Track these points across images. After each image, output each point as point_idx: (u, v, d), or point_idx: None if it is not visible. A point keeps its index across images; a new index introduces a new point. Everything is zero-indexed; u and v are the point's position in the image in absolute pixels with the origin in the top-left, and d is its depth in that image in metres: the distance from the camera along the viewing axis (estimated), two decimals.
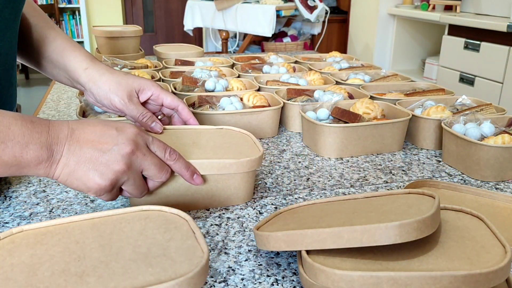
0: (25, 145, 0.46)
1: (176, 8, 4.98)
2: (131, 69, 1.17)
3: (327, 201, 0.52)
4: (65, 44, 0.69)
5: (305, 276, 0.41)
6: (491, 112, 0.86)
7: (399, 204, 0.46)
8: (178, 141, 0.62)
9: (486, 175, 0.70)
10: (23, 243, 0.41)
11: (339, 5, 3.85)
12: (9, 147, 0.45)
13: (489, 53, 2.20)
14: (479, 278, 0.38)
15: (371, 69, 1.25)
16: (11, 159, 0.45)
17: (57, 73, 0.70)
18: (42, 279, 0.36)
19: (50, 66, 0.70)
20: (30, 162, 0.46)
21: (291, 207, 0.53)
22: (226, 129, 0.68)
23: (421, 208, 0.43)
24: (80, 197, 0.63)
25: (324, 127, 0.76)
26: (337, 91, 0.96)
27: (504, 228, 0.53)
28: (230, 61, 1.31)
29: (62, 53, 0.68)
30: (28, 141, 0.46)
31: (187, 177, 0.56)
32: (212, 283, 0.46)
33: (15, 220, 0.57)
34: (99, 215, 0.46)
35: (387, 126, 0.78)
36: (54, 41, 0.69)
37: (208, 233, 0.55)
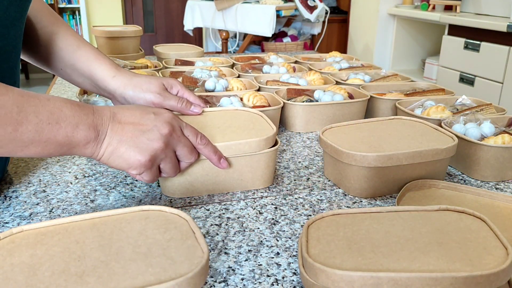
0: (75, 125, 0.49)
1: (176, 8, 4.98)
2: (131, 69, 1.16)
3: (355, 212, 0.49)
4: (89, 53, 0.71)
5: (306, 276, 0.41)
6: (491, 112, 0.86)
7: (450, 229, 0.46)
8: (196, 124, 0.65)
9: (486, 175, 0.70)
10: (23, 243, 0.41)
11: (339, 5, 3.85)
12: (63, 128, 0.48)
13: (489, 53, 2.20)
14: (480, 280, 0.38)
15: (371, 69, 1.25)
16: (64, 139, 0.48)
17: (82, 81, 0.72)
18: (42, 279, 0.36)
19: (75, 74, 0.72)
20: (80, 142, 0.50)
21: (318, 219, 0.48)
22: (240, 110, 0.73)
23: (479, 236, 0.44)
24: (80, 197, 0.63)
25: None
26: (337, 91, 0.96)
27: (504, 228, 0.53)
28: (230, 61, 1.31)
29: (88, 62, 0.70)
30: (78, 122, 0.49)
31: (214, 161, 0.60)
32: (212, 283, 0.46)
33: (15, 220, 0.57)
34: (99, 215, 0.46)
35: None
36: (79, 50, 0.70)
37: (208, 233, 0.55)
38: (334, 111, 0.90)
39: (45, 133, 0.47)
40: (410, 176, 0.64)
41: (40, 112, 0.47)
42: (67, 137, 0.48)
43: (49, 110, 0.47)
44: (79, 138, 0.49)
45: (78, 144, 0.50)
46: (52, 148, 0.48)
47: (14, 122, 0.45)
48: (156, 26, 5.02)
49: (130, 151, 0.52)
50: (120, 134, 0.52)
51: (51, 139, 0.47)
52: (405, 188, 0.62)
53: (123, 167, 0.53)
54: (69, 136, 0.49)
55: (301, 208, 0.61)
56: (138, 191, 0.65)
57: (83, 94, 0.93)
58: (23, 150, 0.47)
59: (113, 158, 0.52)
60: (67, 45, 0.71)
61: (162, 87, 0.69)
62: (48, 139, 0.47)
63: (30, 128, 0.46)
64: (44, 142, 0.47)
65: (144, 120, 0.54)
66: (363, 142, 0.65)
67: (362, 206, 0.62)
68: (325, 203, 0.63)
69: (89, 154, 0.52)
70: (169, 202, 0.62)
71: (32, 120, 0.46)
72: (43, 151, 0.48)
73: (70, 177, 0.69)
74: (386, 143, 0.65)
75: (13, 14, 0.58)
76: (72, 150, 0.50)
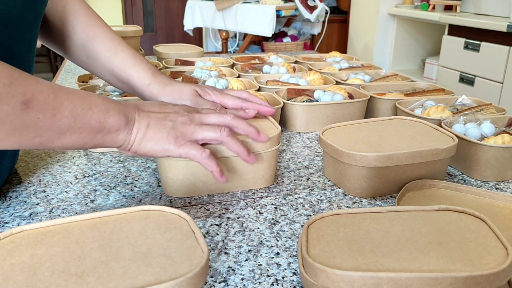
0: (106, 111, 0.50)
1: (176, 8, 4.98)
2: None
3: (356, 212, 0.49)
4: (126, 59, 0.72)
5: (306, 276, 0.41)
6: (491, 112, 0.86)
7: (450, 229, 0.46)
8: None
9: (486, 175, 0.70)
10: (23, 243, 0.41)
11: (339, 5, 3.85)
12: (95, 113, 0.49)
13: (489, 53, 2.20)
14: (480, 280, 0.38)
15: (371, 69, 1.25)
16: (97, 124, 0.49)
17: (122, 86, 0.74)
18: (42, 279, 0.36)
19: (114, 80, 0.73)
20: (112, 127, 0.51)
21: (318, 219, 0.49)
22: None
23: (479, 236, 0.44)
24: (80, 197, 0.63)
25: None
26: (337, 91, 0.96)
27: (504, 228, 0.53)
28: (230, 61, 1.31)
29: (125, 69, 0.71)
30: (108, 108, 0.51)
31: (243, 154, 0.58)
32: (212, 283, 0.46)
33: (15, 220, 0.57)
34: (99, 215, 0.46)
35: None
36: (116, 55, 0.72)
37: (208, 233, 0.55)
38: (334, 111, 0.90)
39: (80, 118, 0.48)
40: (410, 176, 0.64)
41: (73, 98, 0.48)
42: (99, 122, 0.50)
43: (81, 97, 0.49)
44: (111, 123, 0.51)
45: (110, 129, 0.51)
46: (87, 135, 0.49)
47: (52, 107, 0.45)
48: (156, 26, 5.02)
49: (159, 132, 0.54)
50: (147, 119, 0.54)
51: (86, 124, 0.48)
52: (405, 188, 0.62)
53: (156, 150, 0.54)
54: (102, 121, 0.50)
55: (301, 208, 0.61)
56: (138, 191, 0.65)
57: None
58: (60, 137, 0.47)
59: (144, 142, 0.53)
60: (105, 51, 0.72)
61: (194, 94, 0.69)
62: (82, 124, 0.48)
63: (67, 113, 0.47)
64: (79, 128, 0.48)
65: (164, 108, 0.57)
66: (363, 142, 0.65)
67: (362, 206, 0.62)
68: (325, 203, 0.63)
69: (121, 141, 0.52)
70: (169, 202, 0.62)
71: (68, 105, 0.47)
72: (78, 139, 0.49)
73: (70, 177, 0.69)
74: (386, 143, 0.65)
75: (30, 18, 0.59)
76: (105, 138, 0.51)
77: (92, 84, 0.98)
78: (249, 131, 0.60)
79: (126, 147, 0.53)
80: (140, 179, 0.69)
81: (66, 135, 0.48)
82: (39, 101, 0.44)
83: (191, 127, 0.56)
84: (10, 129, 0.43)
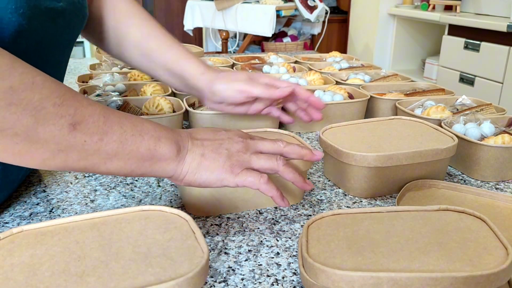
0: (157, 138, 0.48)
1: (176, 8, 4.98)
2: (131, 69, 1.16)
3: (356, 212, 0.49)
4: (180, 52, 0.73)
5: (306, 276, 0.41)
6: (491, 112, 0.86)
7: (450, 229, 0.45)
8: None
9: (486, 175, 0.70)
10: (23, 243, 0.41)
11: (339, 5, 3.85)
12: (145, 140, 0.47)
13: (489, 53, 2.20)
14: (480, 280, 0.38)
15: (371, 69, 1.25)
16: (146, 152, 0.47)
17: (174, 81, 0.75)
18: (42, 279, 0.36)
19: (167, 75, 0.74)
20: (162, 156, 0.48)
21: (318, 219, 0.49)
22: (270, 131, 0.69)
23: (479, 236, 0.44)
24: (80, 197, 0.63)
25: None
26: (337, 91, 0.96)
27: (504, 228, 0.53)
28: (230, 61, 1.31)
29: (179, 61, 0.73)
30: (160, 135, 0.49)
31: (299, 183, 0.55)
32: (212, 283, 0.46)
33: (15, 220, 0.57)
34: (99, 215, 0.46)
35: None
36: (171, 50, 0.73)
37: (208, 233, 0.55)
38: (334, 111, 0.90)
39: (129, 144, 0.46)
40: (410, 176, 0.64)
41: (124, 123, 0.46)
42: (149, 150, 0.47)
43: (132, 122, 0.47)
44: (162, 152, 0.48)
45: (160, 158, 0.48)
46: (134, 162, 0.47)
47: (101, 131, 0.44)
48: None
49: (215, 162, 0.50)
50: (201, 148, 0.51)
51: (134, 151, 0.46)
52: (405, 188, 0.62)
53: (212, 180, 0.50)
54: (151, 149, 0.47)
55: (301, 208, 0.61)
56: (138, 191, 0.65)
57: (85, 93, 0.93)
58: (106, 163, 0.46)
59: (199, 173, 0.50)
60: (158, 47, 0.73)
61: (249, 76, 0.71)
62: (131, 151, 0.46)
63: (115, 138, 0.45)
64: (127, 154, 0.46)
65: (218, 135, 0.54)
66: (363, 142, 0.65)
67: (362, 206, 0.62)
68: (325, 203, 0.63)
69: (171, 171, 0.50)
70: (169, 202, 0.62)
71: (117, 130, 0.45)
72: (125, 166, 0.47)
73: (70, 177, 0.69)
74: (386, 143, 0.65)
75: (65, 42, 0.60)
76: (154, 166, 0.48)
77: (92, 84, 0.98)
78: (303, 154, 0.56)
79: (178, 177, 0.50)
80: (140, 179, 0.69)
81: (113, 160, 0.46)
82: (88, 123, 0.43)
83: (247, 155, 0.52)
84: (55, 149, 0.42)
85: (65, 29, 0.59)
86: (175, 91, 0.95)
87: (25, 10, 0.48)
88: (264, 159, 0.53)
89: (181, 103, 0.86)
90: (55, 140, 0.42)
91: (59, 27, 0.57)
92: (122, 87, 0.97)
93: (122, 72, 1.11)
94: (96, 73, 1.10)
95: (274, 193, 0.52)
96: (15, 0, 0.47)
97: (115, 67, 1.19)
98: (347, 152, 0.62)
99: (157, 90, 0.95)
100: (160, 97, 0.84)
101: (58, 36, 0.58)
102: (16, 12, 0.47)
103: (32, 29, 0.51)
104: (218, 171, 0.50)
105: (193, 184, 0.51)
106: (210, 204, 0.58)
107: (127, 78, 1.08)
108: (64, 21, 0.58)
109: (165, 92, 0.96)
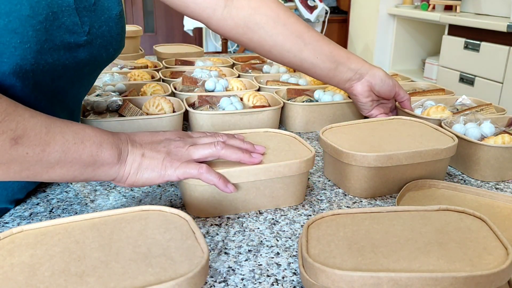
0: (99, 144, 0.49)
1: None
2: (131, 69, 1.16)
3: (356, 212, 0.49)
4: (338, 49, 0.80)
5: (306, 276, 0.41)
6: (491, 112, 0.86)
7: (450, 229, 0.45)
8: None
9: (486, 175, 0.70)
10: (23, 243, 0.41)
11: (339, 5, 3.85)
12: (88, 147, 0.48)
13: (489, 53, 2.20)
14: (480, 280, 0.38)
15: None
16: (88, 158, 0.48)
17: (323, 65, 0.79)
18: (42, 279, 0.36)
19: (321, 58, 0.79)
20: (105, 161, 0.50)
21: (318, 219, 0.49)
22: (270, 132, 0.69)
23: (479, 236, 0.44)
24: (80, 197, 0.63)
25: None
26: (337, 91, 0.96)
27: (504, 228, 0.53)
28: (230, 61, 1.31)
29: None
30: (102, 141, 0.50)
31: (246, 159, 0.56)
32: (212, 283, 0.46)
33: (15, 220, 0.57)
34: (99, 215, 0.46)
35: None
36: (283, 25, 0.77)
37: (208, 233, 0.55)
38: (334, 111, 0.90)
39: (71, 153, 0.47)
40: (410, 176, 0.64)
41: (66, 132, 0.47)
42: (91, 156, 0.49)
43: (74, 130, 0.48)
44: (104, 157, 0.50)
45: (102, 163, 0.50)
46: (77, 169, 0.48)
47: (43, 142, 0.45)
48: (156, 26, 5.02)
49: (154, 160, 0.52)
50: (140, 149, 0.53)
51: (77, 158, 0.48)
52: (405, 188, 0.62)
53: (153, 177, 0.52)
54: (94, 155, 0.49)
55: (301, 208, 0.61)
56: (138, 191, 0.65)
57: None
58: (48, 171, 0.47)
59: (141, 172, 0.52)
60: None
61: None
62: (73, 159, 0.47)
63: (57, 148, 0.46)
64: (69, 162, 0.47)
65: (156, 136, 0.56)
66: (363, 142, 0.65)
67: (362, 206, 0.62)
68: (325, 203, 0.63)
69: (114, 174, 0.51)
70: (169, 202, 0.62)
71: (59, 140, 0.46)
72: (67, 173, 0.48)
73: None
74: (386, 143, 0.65)
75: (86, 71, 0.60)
76: (97, 171, 0.50)
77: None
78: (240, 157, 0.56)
79: (120, 179, 0.52)
80: None
81: (56, 168, 0.47)
82: (30, 136, 0.44)
83: (185, 149, 0.54)
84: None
85: (90, 61, 0.58)
86: (174, 91, 0.95)
87: (32, 44, 0.47)
88: (202, 148, 0.55)
89: (181, 103, 0.86)
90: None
91: (82, 60, 0.56)
92: (122, 87, 0.97)
93: (122, 72, 1.11)
94: None
95: (215, 180, 0.53)
96: (21, 34, 0.46)
97: (115, 67, 1.19)
98: (347, 152, 0.62)
99: (157, 90, 0.95)
100: (160, 97, 0.84)
101: (81, 68, 0.57)
102: (21, 46, 0.47)
103: (43, 62, 0.50)
104: (158, 167, 0.52)
105: (136, 184, 0.53)
106: (211, 205, 0.58)
107: (127, 78, 1.08)
108: (89, 53, 0.56)
109: (165, 92, 0.96)
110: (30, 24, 0.46)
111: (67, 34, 0.52)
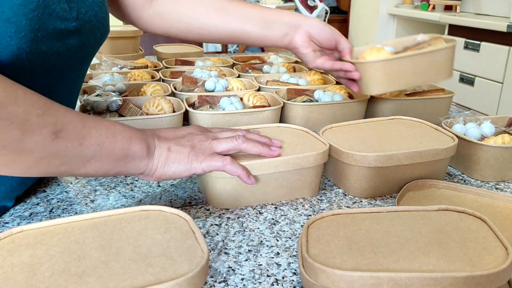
0: (129, 138, 0.51)
1: None
2: (131, 69, 1.16)
3: (356, 212, 0.50)
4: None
5: (306, 276, 0.41)
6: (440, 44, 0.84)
7: (450, 229, 0.45)
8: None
9: (486, 175, 0.70)
10: (23, 243, 0.41)
11: (339, 5, 3.85)
12: (119, 141, 0.50)
13: (489, 53, 2.20)
14: (480, 280, 0.38)
15: None
16: (121, 152, 0.50)
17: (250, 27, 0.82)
18: (42, 279, 0.36)
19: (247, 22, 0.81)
20: (135, 154, 0.52)
21: (318, 219, 0.49)
22: (283, 127, 0.71)
23: (479, 236, 0.44)
24: (80, 197, 0.63)
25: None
26: (337, 91, 0.96)
27: (504, 228, 0.53)
28: (230, 61, 1.31)
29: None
30: (131, 135, 0.52)
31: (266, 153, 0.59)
32: (212, 283, 0.46)
33: (15, 220, 0.57)
34: (99, 215, 0.46)
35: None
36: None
37: (208, 233, 0.55)
38: (334, 111, 0.90)
39: (105, 146, 0.49)
40: (410, 176, 0.64)
41: (99, 127, 0.49)
42: (123, 150, 0.50)
43: (105, 125, 0.50)
44: (134, 150, 0.51)
45: (133, 157, 0.51)
46: (111, 162, 0.50)
47: (80, 136, 0.47)
48: None
49: (181, 153, 0.54)
50: (167, 143, 0.55)
51: (110, 152, 0.49)
52: (405, 188, 0.62)
53: (181, 170, 0.54)
54: (125, 149, 0.51)
55: (301, 208, 0.61)
56: (138, 191, 0.65)
57: (83, 94, 0.93)
58: (86, 165, 0.48)
59: (168, 165, 0.54)
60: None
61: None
62: (107, 152, 0.49)
63: (93, 142, 0.48)
64: (104, 155, 0.49)
65: (179, 131, 0.58)
66: (363, 142, 0.65)
67: (362, 206, 0.62)
68: (325, 203, 0.63)
69: (143, 168, 0.53)
70: (169, 202, 0.62)
71: (94, 134, 0.48)
72: (102, 167, 0.50)
73: (70, 177, 0.69)
74: (386, 143, 0.65)
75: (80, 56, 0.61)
76: (128, 165, 0.51)
77: (92, 84, 0.98)
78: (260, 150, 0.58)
79: (149, 173, 0.54)
80: (140, 179, 0.69)
81: (92, 162, 0.48)
82: (68, 131, 0.45)
83: (208, 142, 0.57)
84: (38, 158, 0.44)
85: (80, 47, 0.59)
86: (174, 91, 0.95)
87: (26, 33, 0.48)
88: (225, 141, 0.57)
89: (181, 103, 0.86)
90: (39, 148, 0.44)
91: (73, 47, 0.57)
92: (122, 87, 0.97)
93: (122, 72, 1.11)
94: (96, 73, 1.10)
95: (239, 171, 0.55)
96: (15, 23, 0.47)
97: (115, 67, 1.19)
98: (347, 152, 0.62)
99: (157, 90, 0.95)
100: (160, 97, 0.84)
101: (73, 55, 0.58)
102: (16, 35, 0.47)
103: (38, 50, 0.51)
104: (185, 161, 0.54)
105: (163, 177, 0.54)
106: (232, 197, 0.60)
107: (127, 78, 1.08)
108: (79, 40, 0.57)
109: (165, 92, 0.95)
110: (23, 12, 0.47)
111: (58, 21, 0.53)
